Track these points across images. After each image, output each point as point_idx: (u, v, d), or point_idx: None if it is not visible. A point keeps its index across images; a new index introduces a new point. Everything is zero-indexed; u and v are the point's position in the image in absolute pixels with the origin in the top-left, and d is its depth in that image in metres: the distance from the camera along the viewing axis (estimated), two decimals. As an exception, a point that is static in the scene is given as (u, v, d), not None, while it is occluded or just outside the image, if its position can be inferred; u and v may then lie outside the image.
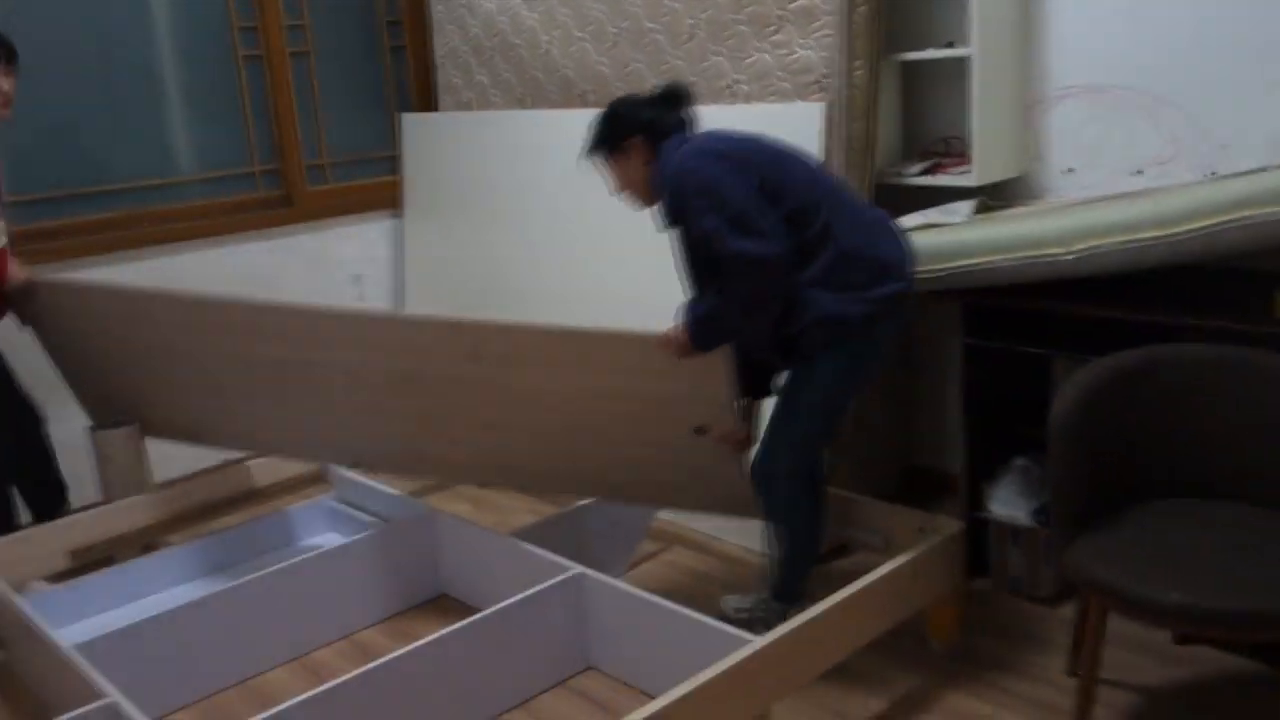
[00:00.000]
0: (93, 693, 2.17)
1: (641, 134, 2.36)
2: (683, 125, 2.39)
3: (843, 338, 2.31)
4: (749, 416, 2.56)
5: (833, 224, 2.28)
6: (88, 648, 2.38)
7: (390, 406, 2.76)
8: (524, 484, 3.04)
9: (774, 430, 2.45)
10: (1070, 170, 2.98)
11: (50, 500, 3.20)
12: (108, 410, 3.26)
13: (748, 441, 2.53)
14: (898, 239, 2.39)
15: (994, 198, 3.01)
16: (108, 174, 3.69)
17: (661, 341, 2.31)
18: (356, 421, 2.86)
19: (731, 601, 2.70)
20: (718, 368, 2.33)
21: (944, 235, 2.63)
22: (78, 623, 2.87)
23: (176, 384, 3.04)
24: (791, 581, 2.52)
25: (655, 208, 2.38)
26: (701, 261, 2.33)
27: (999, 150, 2.96)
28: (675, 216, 2.31)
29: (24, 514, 3.18)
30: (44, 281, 3.00)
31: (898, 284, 2.32)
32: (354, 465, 3.14)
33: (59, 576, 3.01)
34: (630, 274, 3.38)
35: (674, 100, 2.40)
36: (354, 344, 2.67)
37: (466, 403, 2.66)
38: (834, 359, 2.34)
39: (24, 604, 2.59)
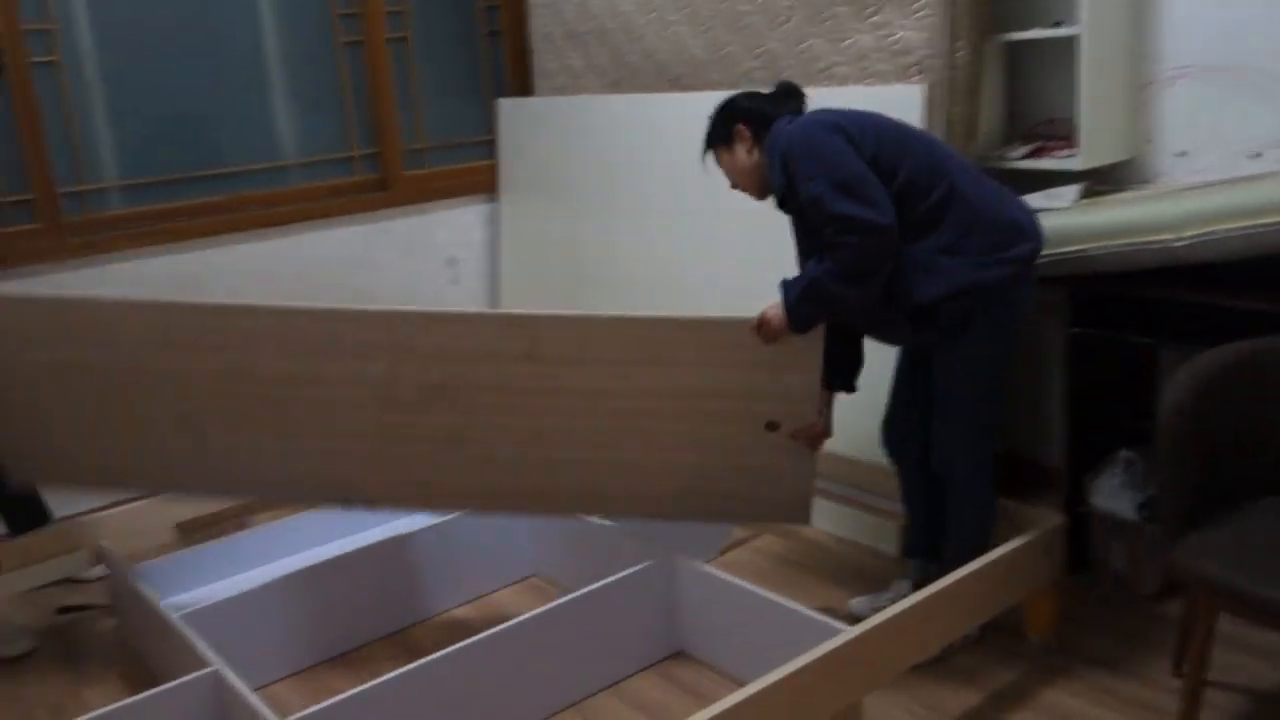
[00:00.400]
0: (198, 661, 2.25)
1: (744, 120, 2.35)
2: (789, 113, 2.36)
3: (984, 307, 2.26)
4: (827, 409, 2.48)
5: (957, 188, 2.24)
6: (193, 617, 2.46)
7: (419, 426, 2.42)
8: (564, 508, 2.58)
9: (944, 424, 2.41)
10: (1183, 153, 2.87)
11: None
12: (28, 466, 2.66)
13: (824, 436, 2.47)
14: (1021, 202, 2.35)
15: (1101, 182, 2.92)
16: (215, 158, 3.79)
17: (756, 324, 2.26)
18: (371, 449, 2.46)
19: (865, 603, 2.65)
20: (802, 356, 2.26)
21: (1049, 220, 2.55)
22: (184, 593, 2.97)
23: (133, 422, 2.50)
24: (968, 555, 2.38)
25: (770, 197, 2.37)
26: (814, 240, 2.27)
27: (1108, 132, 2.87)
28: (786, 189, 2.28)
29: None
30: None
31: (1031, 243, 2.28)
32: (364, 504, 2.58)
33: (166, 549, 3.12)
34: (729, 259, 3.36)
35: (784, 96, 2.40)
36: (386, 351, 2.34)
37: (513, 413, 2.39)
38: (979, 335, 2.29)
39: (134, 574, 2.69)
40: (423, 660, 2.19)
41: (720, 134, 2.40)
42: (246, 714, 2.09)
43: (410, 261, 4.13)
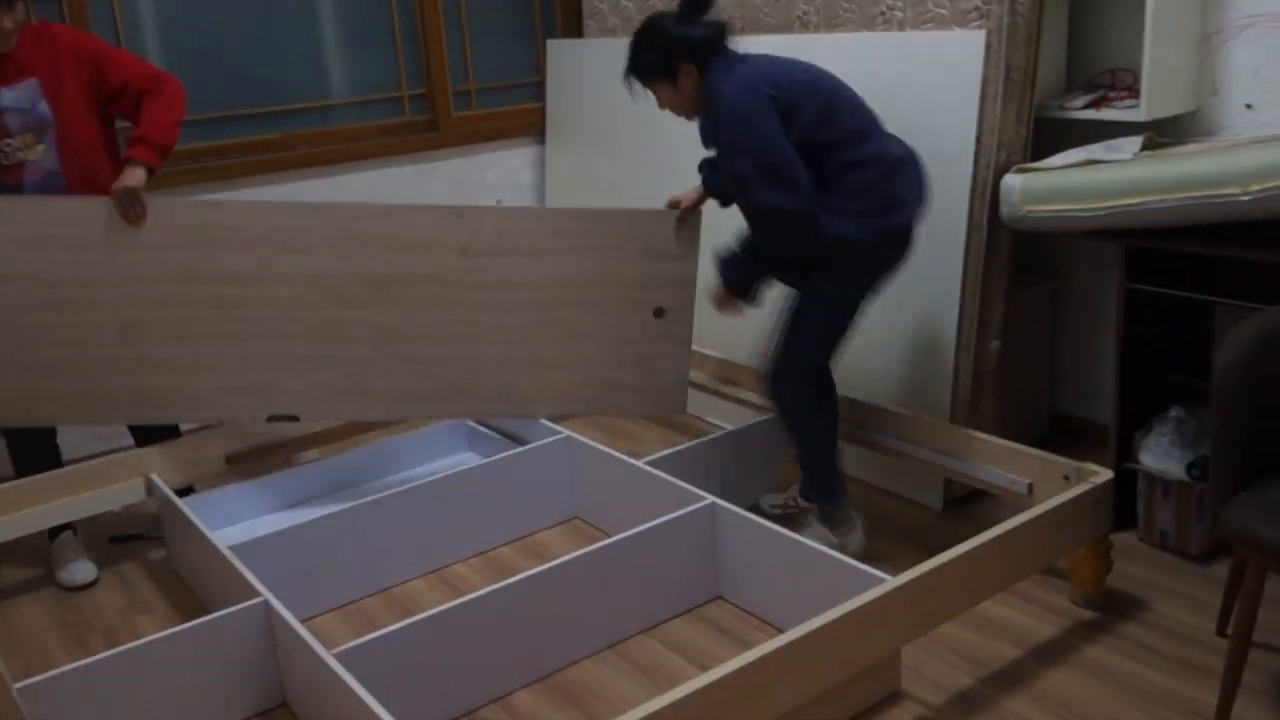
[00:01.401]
0: (248, 591, 2.30)
1: (692, 60, 2.45)
2: (723, 40, 2.46)
3: (844, 258, 2.47)
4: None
5: (858, 158, 2.41)
6: (242, 549, 2.51)
7: (358, 325, 2.80)
8: (484, 407, 3.01)
9: (782, 341, 2.61)
10: (1250, 106, 2.78)
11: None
12: None
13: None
14: (918, 177, 2.53)
15: (1163, 134, 2.84)
16: (265, 96, 3.79)
17: (716, 303, 2.68)
18: (308, 353, 2.83)
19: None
20: (682, 244, 2.85)
21: (1108, 172, 2.51)
22: (232, 526, 3.03)
23: (56, 335, 2.63)
24: (813, 480, 2.71)
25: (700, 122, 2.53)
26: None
27: (1172, 83, 2.79)
28: (715, 141, 2.47)
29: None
30: None
31: (905, 218, 2.47)
32: (290, 415, 2.89)
33: (217, 481, 3.18)
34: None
35: (698, 7, 2.47)
36: (338, 244, 2.67)
37: (446, 307, 2.81)
38: (834, 278, 2.52)
39: (185, 506, 2.74)
40: (465, 598, 2.22)
41: (662, 69, 2.50)
42: (295, 644, 2.13)
43: (457, 202, 4.13)
